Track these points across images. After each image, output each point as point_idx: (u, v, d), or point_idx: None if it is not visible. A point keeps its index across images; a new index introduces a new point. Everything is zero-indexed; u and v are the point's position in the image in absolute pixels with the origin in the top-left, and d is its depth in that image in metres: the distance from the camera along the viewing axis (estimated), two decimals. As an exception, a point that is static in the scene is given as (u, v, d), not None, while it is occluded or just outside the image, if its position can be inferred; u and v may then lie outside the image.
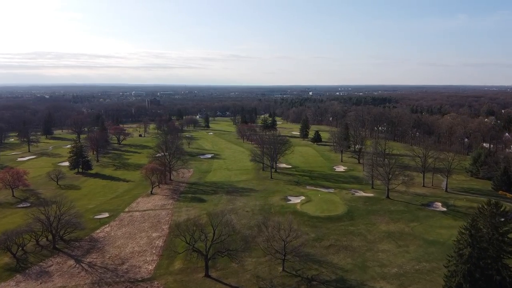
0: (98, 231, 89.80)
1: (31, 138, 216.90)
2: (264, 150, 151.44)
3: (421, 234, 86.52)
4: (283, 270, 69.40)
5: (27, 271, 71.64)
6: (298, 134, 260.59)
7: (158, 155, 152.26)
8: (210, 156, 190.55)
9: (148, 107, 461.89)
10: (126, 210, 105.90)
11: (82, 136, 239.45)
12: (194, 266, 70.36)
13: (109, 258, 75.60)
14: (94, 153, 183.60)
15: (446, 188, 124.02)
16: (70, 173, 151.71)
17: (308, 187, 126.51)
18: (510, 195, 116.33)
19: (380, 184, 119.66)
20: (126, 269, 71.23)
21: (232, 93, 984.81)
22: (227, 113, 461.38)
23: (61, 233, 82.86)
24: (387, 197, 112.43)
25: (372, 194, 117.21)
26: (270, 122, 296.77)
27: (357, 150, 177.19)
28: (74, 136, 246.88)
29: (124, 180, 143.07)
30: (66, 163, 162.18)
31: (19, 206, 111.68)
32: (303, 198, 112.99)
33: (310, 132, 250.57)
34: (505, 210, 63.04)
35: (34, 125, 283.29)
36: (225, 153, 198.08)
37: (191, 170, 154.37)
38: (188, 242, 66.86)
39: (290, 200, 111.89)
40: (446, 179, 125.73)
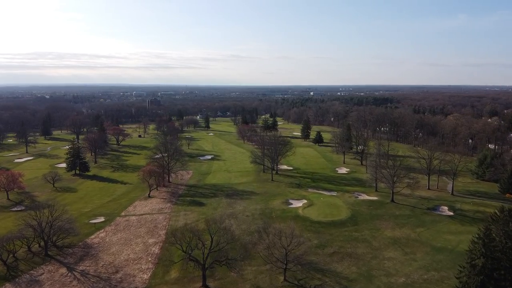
0: (93, 237, 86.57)
1: (29, 139, 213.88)
2: (264, 151, 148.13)
3: (428, 241, 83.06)
4: (285, 279, 66.01)
5: (17, 280, 68.43)
6: (299, 134, 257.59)
7: (156, 157, 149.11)
8: (210, 157, 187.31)
9: (148, 107, 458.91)
10: (123, 214, 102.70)
11: (81, 136, 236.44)
12: (191, 275, 66.97)
13: (102, 266, 72.32)
14: (92, 154, 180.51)
15: (452, 191, 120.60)
16: (67, 175, 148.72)
17: (310, 190, 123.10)
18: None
19: (384, 187, 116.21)
20: (120, 278, 67.91)
21: (233, 93, 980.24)
22: (228, 113, 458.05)
23: (53, 239, 79.62)
24: (392, 200, 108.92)
25: (376, 198, 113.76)
26: (271, 122, 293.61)
27: (359, 151, 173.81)
28: (73, 136, 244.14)
29: (121, 182, 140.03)
30: (64, 165, 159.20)
31: (13, 209, 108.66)
32: (305, 201, 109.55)
33: (311, 132, 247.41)
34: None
35: (33, 125, 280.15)
36: (225, 154, 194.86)
37: (190, 172, 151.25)
38: (184, 250, 63.55)
39: (292, 203, 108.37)
40: (452, 182, 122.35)
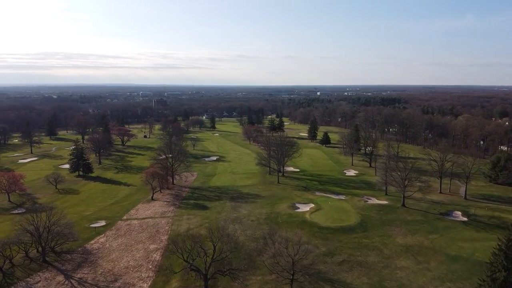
0: (93, 242, 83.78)
1: (34, 139, 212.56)
2: (270, 152, 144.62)
3: (442, 248, 79.03)
4: (291, 290, 62.67)
5: (13, 288, 65.91)
6: (306, 135, 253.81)
7: (160, 158, 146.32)
8: (215, 158, 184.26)
9: (154, 108, 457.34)
10: (124, 218, 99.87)
11: (87, 137, 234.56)
12: (193, 285, 63.63)
13: (101, 273, 69.39)
14: (96, 155, 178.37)
15: (465, 195, 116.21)
16: (70, 176, 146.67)
17: (317, 193, 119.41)
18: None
19: (394, 190, 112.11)
20: (119, 287, 64.98)
21: (239, 93, 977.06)
22: (234, 113, 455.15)
23: (52, 244, 76.93)
24: (403, 205, 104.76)
25: (386, 202, 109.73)
26: (277, 123, 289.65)
27: (368, 152, 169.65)
28: (77, 137, 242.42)
29: (125, 184, 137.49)
30: (67, 166, 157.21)
31: (14, 212, 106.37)
32: (312, 205, 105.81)
33: (318, 133, 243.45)
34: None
35: (39, 125, 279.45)
36: (230, 155, 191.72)
37: (195, 173, 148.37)
38: (185, 259, 60.37)
39: (299, 208, 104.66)
40: (465, 186, 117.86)
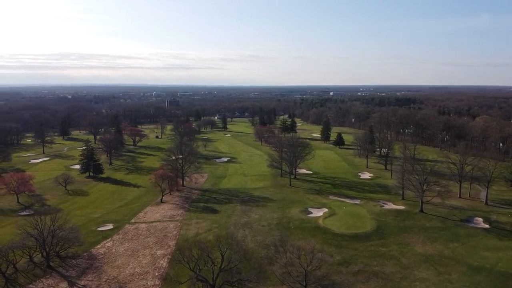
0: (99, 246, 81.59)
1: (46, 139, 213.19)
2: (282, 154, 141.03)
3: (463, 258, 74.53)
4: (304, 302, 59.22)
5: (15, 294, 64.01)
6: (319, 136, 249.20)
7: (170, 159, 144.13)
8: (226, 159, 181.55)
9: (167, 108, 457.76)
10: (132, 221, 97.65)
11: (99, 137, 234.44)
12: (200, 295, 60.86)
13: (105, 281, 66.97)
14: (107, 155, 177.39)
15: (486, 200, 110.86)
16: (80, 177, 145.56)
17: (331, 197, 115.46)
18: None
19: (412, 195, 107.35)
20: (123, 295, 62.54)
21: (251, 93, 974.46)
22: (246, 114, 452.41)
23: (56, 249, 74.97)
24: (421, 210, 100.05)
25: (403, 207, 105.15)
26: (289, 123, 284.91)
27: (383, 154, 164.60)
28: (88, 137, 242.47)
29: (135, 185, 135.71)
30: (78, 166, 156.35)
31: (22, 213, 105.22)
32: (326, 210, 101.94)
33: (331, 134, 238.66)
34: None
35: (52, 125, 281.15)
36: (241, 156, 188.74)
37: (205, 175, 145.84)
38: (192, 269, 57.46)
39: (311, 212, 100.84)
40: (486, 190, 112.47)
